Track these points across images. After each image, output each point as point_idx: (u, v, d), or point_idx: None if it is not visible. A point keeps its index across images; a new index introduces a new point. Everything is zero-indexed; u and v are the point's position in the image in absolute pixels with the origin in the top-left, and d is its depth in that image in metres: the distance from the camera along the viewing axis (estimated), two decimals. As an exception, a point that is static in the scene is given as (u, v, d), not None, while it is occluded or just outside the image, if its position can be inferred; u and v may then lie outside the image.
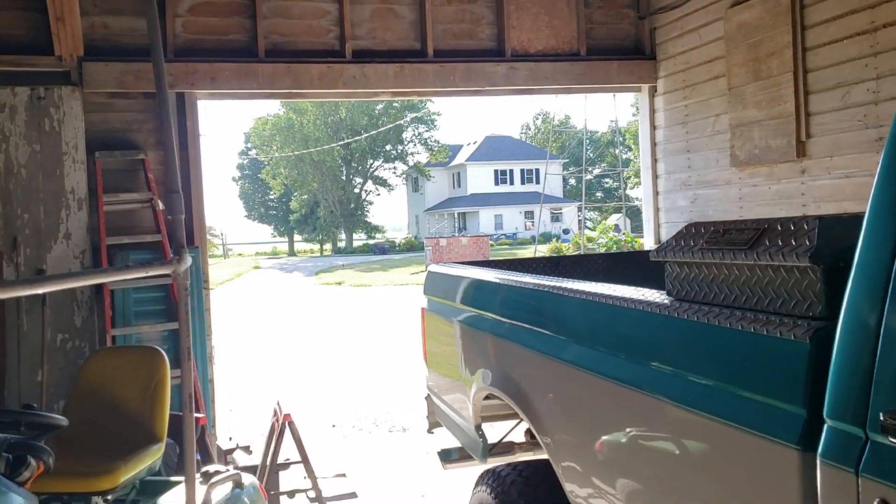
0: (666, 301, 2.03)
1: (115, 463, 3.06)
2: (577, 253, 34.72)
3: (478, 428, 3.44)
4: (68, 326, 5.85)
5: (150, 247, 6.10)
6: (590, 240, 37.08)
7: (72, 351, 5.82)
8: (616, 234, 38.05)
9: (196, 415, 4.69)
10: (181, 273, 2.69)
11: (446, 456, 3.91)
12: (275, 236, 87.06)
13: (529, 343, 2.76)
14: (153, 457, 3.33)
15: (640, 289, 2.25)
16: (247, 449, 5.54)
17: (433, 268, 4.22)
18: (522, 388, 2.86)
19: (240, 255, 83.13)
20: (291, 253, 78.07)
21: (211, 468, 3.34)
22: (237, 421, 8.99)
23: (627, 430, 2.19)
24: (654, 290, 2.20)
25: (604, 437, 2.33)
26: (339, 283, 30.44)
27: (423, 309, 4.21)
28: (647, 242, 7.52)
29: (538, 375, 2.75)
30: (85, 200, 5.98)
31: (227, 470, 3.36)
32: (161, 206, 6.17)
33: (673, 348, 2.00)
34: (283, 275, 38.75)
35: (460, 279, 3.67)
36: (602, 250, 35.14)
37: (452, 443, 4.01)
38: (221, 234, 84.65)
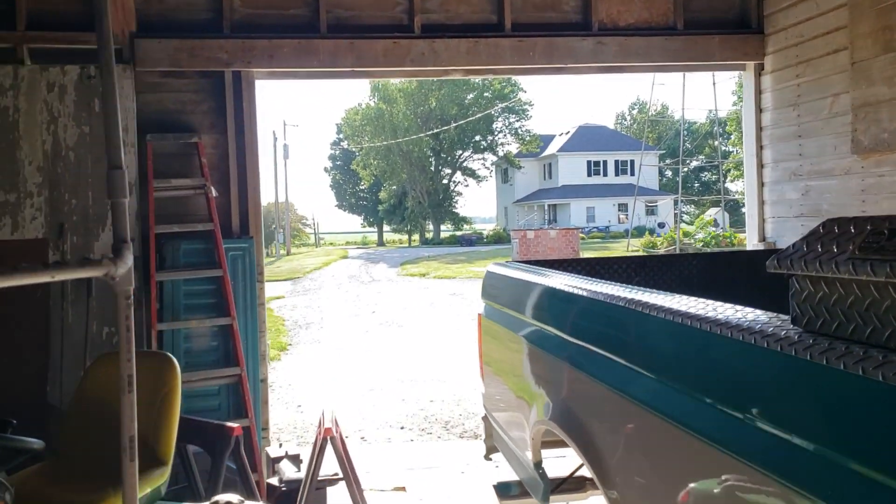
0: (790, 333, 1.37)
1: (105, 491, 2.61)
2: (670, 249, 33.24)
3: (537, 465, 2.83)
4: (114, 319, 5.51)
5: (202, 236, 5.71)
6: (686, 234, 35.54)
7: (118, 345, 5.47)
8: (714, 228, 36.37)
9: (231, 424, 4.25)
10: (118, 276, 2.17)
11: (504, 491, 3.32)
12: (364, 226, 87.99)
13: (596, 372, 2.12)
14: (156, 482, 2.87)
15: (749, 311, 1.59)
16: (296, 459, 5.08)
17: (492, 268, 3.61)
18: (585, 428, 2.23)
19: (331, 244, 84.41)
20: (381, 243, 78.66)
21: (222, 498, 2.85)
22: (304, 421, 8.62)
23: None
24: (769, 315, 1.54)
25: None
26: (423, 275, 30.09)
27: (479, 315, 3.62)
28: (750, 240, 6.68)
29: (606, 415, 2.12)
30: (135, 186, 5.63)
31: (241, 501, 2.86)
32: (214, 192, 5.78)
33: (800, 405, 1.34)
34: (368, 265, 38.77)
35: (520, 283, 3.04)
36: (699, 246, 33.61)
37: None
38: (314, 223, 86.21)
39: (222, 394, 5.50)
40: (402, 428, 8.22)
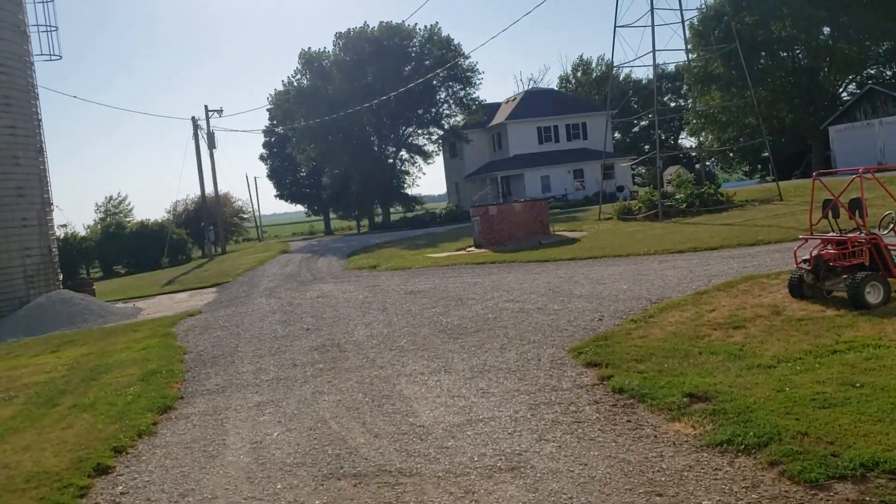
0: None
1: None
2: (650, 213, 29.31)
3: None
4: None
5: None
6: (666, 196, 31.75)
7: None
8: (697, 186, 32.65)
9: None
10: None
11: None
12: (309, 215, 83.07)
13: None
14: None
15: None
16: None
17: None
18: None
19: (276, 236, 79.44)
20: (328, 231, 74.09)
21: None
22: None
23: None
24: None
25: None
26: (374, 267, 25.78)
27: None
28: None
29: None
30: None
31: None
32: None
33: None
34: (311, 259, 34.23)
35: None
36: (683, 207, 29.90)
37: None
38: (255, 216, 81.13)
39: None
40: None
